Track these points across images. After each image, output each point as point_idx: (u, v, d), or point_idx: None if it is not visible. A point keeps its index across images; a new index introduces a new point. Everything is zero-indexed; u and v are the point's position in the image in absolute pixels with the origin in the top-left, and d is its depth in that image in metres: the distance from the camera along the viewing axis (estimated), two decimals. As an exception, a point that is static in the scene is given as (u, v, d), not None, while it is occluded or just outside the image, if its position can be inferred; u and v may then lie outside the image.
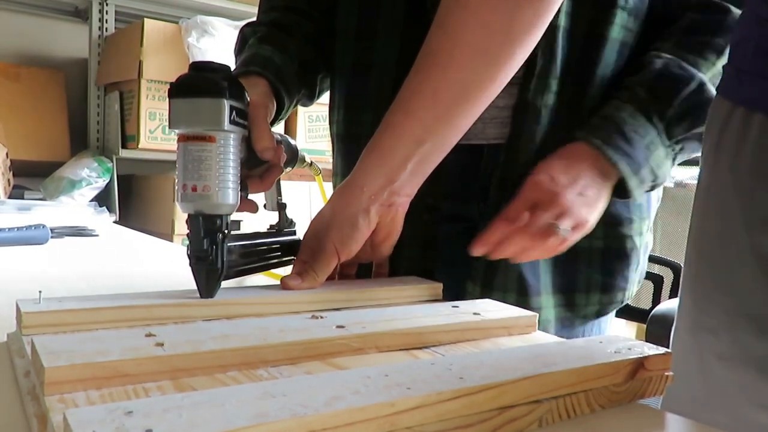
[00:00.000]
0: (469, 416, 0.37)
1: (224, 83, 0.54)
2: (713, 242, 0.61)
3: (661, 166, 0.70)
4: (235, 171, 0.56)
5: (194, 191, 0.54)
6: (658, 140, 0.70)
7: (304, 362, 0.46)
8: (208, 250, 0.55)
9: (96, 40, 2.52)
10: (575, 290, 0.77)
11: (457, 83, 0.61)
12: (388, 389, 0.35)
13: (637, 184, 0.69)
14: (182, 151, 0.55)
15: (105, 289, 0.75)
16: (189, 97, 0.53)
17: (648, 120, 0.69)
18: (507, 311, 0.58)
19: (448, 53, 0.61)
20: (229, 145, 0.55)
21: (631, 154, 0.68)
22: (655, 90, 0.70)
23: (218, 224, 0.56)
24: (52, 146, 2.49)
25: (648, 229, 0.82)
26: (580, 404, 0.41)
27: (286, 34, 0.82)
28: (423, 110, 0.61)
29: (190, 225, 0.56)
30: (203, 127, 0.54)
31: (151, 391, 0.39)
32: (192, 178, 0.54)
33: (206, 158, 0.54)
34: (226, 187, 0.55)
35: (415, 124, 0.62)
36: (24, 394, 0.39)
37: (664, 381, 0.45)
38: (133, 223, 2.25)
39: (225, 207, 0.56)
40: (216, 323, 0.50)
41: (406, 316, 0.54)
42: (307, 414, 0.31)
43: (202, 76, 0.54)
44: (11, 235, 1.05)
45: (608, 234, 0.76)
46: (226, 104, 0.53)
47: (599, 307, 0.78)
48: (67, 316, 0.49)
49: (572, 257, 0.73)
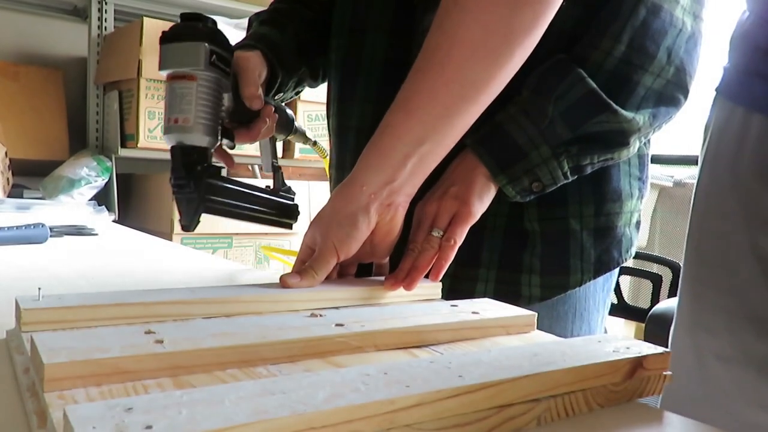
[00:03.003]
0: (468, 414, 0.37)
1: (204, 29, 0.62)
2: (713, 242, 0.62)
3: (545, 165, 0.69)
4: (215, 110, 0.63)
5: (176, 123, 0.61)
6: (539, 138, 0.69)
7: (304, 360, 0.46)
8: (187, 178, 0.61)
9: (95, 38, 2.52)
10: (519, 270, 0.78)
11: (456, 83, 0.61)
12: (387, 387, 0.35)
13: (509, 181, 0.69)
14: (168, 90, 0.62)
15: (104, 287, 0.75)
16: (174, 42, 0.62)
17: (528, 120, 0.70)
18: (506, 310, 0.58)
19: (447, 53, 0.61)
20: (207, 85, 0.62)
21: (500, 151, 0.69)
22: (536, 89, 0.70)
23: (196, 157, 0.62)
24: (51, 145, 2.49)
25: (604, 215, 0.79)
26: (579, 403, 0.41)
27: (286, 18, 0.88)
28: (422, 110, 0.61)
29: (172, 156, 0.62)
30: (185, 67, 0.62)
31: (151, 388, 0.39)
32: (174, 111, 0.61)
33: (187, 94, 0.61)
34: (205, 122, 0.61)
35: (415, 123, 0.62)
36: (23, 391, 0.39)
37: (662, 380, 0.45)
38: (132, 222, 2.25)
39: (202, 139, 0.62)
40: (215, 321, 0.50)
41: (405, 315, 0.54)
42: (307, 411, 0.31)
43: (187, 24, 0.62)
44: (10, 234, 1.05)
45: (543, 216, 0.76)
46: (206, 47, 0.61)
47: (540, 290, 0.78)
48: (67, 313, 0.49)
49: (519, 238, 0.77)
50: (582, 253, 0.78)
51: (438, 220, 0.68)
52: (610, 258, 0.80)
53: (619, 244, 0.81)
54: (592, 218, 0.78)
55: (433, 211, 0.69)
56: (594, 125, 0.69)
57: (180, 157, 0.62)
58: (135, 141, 2.33)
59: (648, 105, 0.71)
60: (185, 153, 0.62)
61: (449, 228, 0.68)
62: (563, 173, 0.70)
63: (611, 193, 0.78)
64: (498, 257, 0.78)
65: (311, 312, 0.53)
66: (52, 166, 2.38)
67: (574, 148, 0.70)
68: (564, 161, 0.70)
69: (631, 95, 0.70)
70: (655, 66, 0.70)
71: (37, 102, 2.49)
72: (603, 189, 0.78)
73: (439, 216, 0.68)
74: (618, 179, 0.79)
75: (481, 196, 0.69)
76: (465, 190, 0.69)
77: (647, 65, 0.70)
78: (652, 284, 1.42)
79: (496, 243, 0.77)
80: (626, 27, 0.69)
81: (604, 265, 0.80)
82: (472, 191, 0.69)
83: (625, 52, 0.69)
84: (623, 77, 0.70)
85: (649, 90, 0.71)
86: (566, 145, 0.69)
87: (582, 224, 0.77)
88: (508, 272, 0.78)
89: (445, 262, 0.67)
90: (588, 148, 0.70)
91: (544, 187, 0.70)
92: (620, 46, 0.69)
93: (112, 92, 2.48)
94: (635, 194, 0.81)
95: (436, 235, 0.68)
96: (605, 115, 0.69)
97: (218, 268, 0.99)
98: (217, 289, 0.59)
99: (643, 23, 0.70)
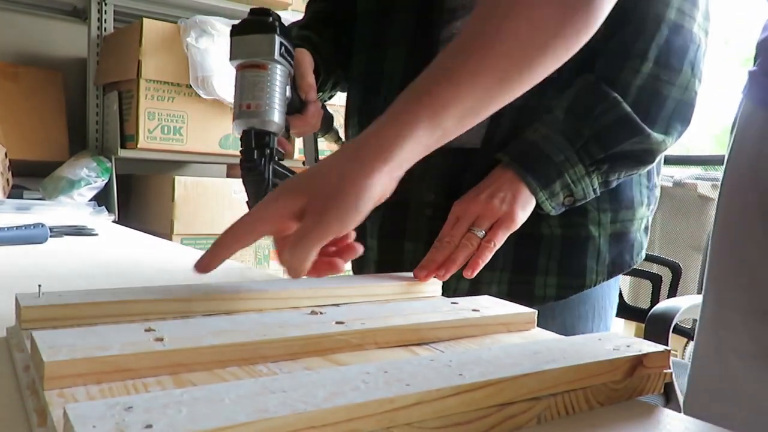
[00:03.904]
0: (468, 413, 0.37)
1: (274, 23, 0.66)
2: (734, 240, 0.62)
3: (579, 182, 0.74)
4: (282, 98, 0.67)
5: (248, 108, 0.65)
6: (575, 158, 0.74)
7: (304, 358, 0.46)
8: (257, 161, 0.64)
9: (95, 39, 2.51)
10: (535, 272, 0.81)
11: (500, 64, 0.58)
12: (387, 385, 0.35)
13: (547, 197, 0.74)
14: (239, 78, 0.66)
15: (104, 287, 0.75)
16: (248, 34, 0.66)
17: (564, 139, 0.74)
18: (506, 308, 0.58)
19: (495, 34, 0.57)
20: (276, 74, 0.66)
21: (541, 170, 0.73)
22: (572, 111, 0.74)
23: (266, 140, 0.65)
24: (51, 146, 2.49)
25: (620, 221, 0.83)
26: (579, 401, 0.41)
27: (322, 23, 0.94)
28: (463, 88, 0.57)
29: (244, 139, 0.65)
30: (258, 57, 0.65)
31: (151, 386, 0.39)
32: (246, 98, 0.65)
33: (259, 82, 0.65)
34: (274, 108, 0.65)
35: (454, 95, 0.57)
36: (23, 389, 0.39)
37: (662, 378, 0.45)
38: (132, 222, 2.25)
39: (272, 124, 0.65)
40: (215, 318, 0.50)
41: (405, 313, 0.54)
42: (307, 410, 0.31)
43: (258, 17, 0.67)
44: (10, 234, 1.05)
45: (564, 222, 0.80)
46: (277, 39, 0.65)
47: (556, 290, 0.82)
48: (67, 310, 0.49)
49: (534, 242, 0.80)
50: (598, 256, 0.82)
51: (481, 221, 0.71)
52: (622, 261, 0.85)
53: (632, 248, 0.85)
54: (609, 225, 0.82)
55: (477, 212, 0.71)
56: (626, 146, 0.73)
57: (251, 140, 0.65)
58: (135, 142, 2.33)
59: (678, 119, 0.76)
60: (256, 137, 0.65)
61: (491, 231, 0.71)
62: (593, 189, 0.75)
63: (626, 201, 0.83)
64: (511, 260, 0.81)
65: (311, 309, 0.53)
66: (51, 167, 2.38)
67: (605, 165, 0.75)
68: (595, 178, 0.75)
69: (662, 109, 0.74)
70: (682, 79, 0.75)
71: (37, 103, 2.49)
72: (618, 198, 0.82)
73: (482, 217, 0.71)
74: (630, 188, 0.83)
75: (524, 207, 0.73)
76: (511, 198, 0.72)
77: (675, 80, 0.74)
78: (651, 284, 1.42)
79: (509, 247, 0.79)
80: (652, 46, 0.74)
81: (617, 268, 0.84)
82: (517, 201, 0.72)
83: (653, 69, 0.74)
84: (653, 92, 0.74)
85: (678, 102, 0.75)
86: (598, 163, 0.74)
87: (600, 230, 0.82)
88: (521, 274, 0.81)
89: (482, 261, 0.70)
90: (617, 166, 0.75)
91: (575, 201, 0.76)
92: (648, 63, 0.74)
93: (111, 93, 2.48)
94: (644, 202, 0.85)
95: (479, 235, 0.71)
96: (638, 138, 0.73)
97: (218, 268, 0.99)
98: (217, 287, 0.59)
99: (667, 41, 0.74)
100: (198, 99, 2.34)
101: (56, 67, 2.62)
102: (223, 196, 2.39)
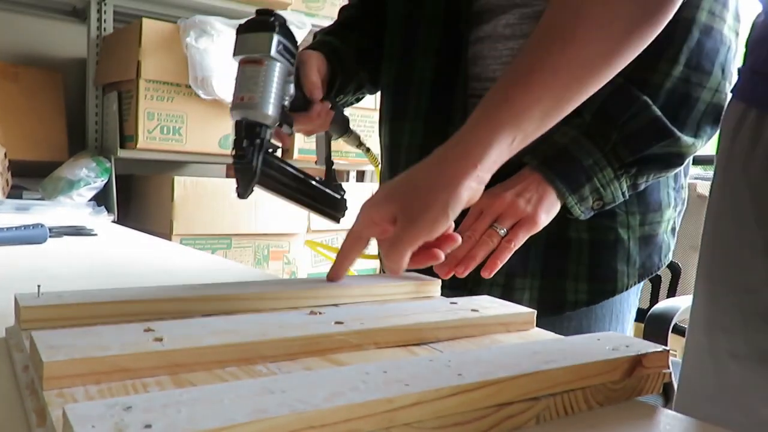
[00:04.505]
0: (467, 413, 0.37)
1: (274, 23, 0.69)
2: (726, 241, 0.62)
3: (608, 185, 0.74)
4: (278, 93, 0.69)
5: (242, 100, 0.68)
6: (604, 161, 0.73)
7: (303, 358, 0.46)
8: (247, 150, 0.66)
9: (94, 39, 2.51)
10: (565, 276, 0.81)
11: (576, 63, 0.59)
12: (386, 385, 0.35)
13: (576, 201, 0.73)
14: (239, 72, 0.69)
15: (104, 287, 0.75)
16: (248, 32, 0.70)
17: (593, 143, 0.73)
18: (505, 308, 0.58)
19: (571, 31, 0.59)
20: (273, 70, 0.69)
21: (570, 174, 0.72)
22: (600, 114, 0.73)
23: (257, 131, 0.67)
24: (51, 146, 2.49)
25: (648, 224, 0.83)
26: (578, 401, 0.41)
27: (347, 29, 0.97)
28: (543, 88, 0.59)
29: (236, 129, 0.68)
30: (255, 53, 0.69)
31: (150, 386, 0.39)
32: (242, 90, 0.68)
33: (254, 76, 0.68)
34: (267, 102, 0.68)
35: (533, 101, 0.59)
36: (23, 389, 0.39)
37: (661, 378, 0.45)
38: (131, 222, 2.25)
39: (265, 117, 0.68)
40: (215, 318, 0.50)
41: (404, 313, 0.54)
42: (306, 410, 0.31)
43: (259, 17, 0.70)
44: (10, 234, 1.05)
45: (592, 226, 0.79)
46: (275, 37, 0.68)
47: (588, 295, 0.81)
48: (66, 310, 0.49)
49: (563, 247, 0.79)
50: (628, 259, 0.82)
51: (504, 219, 0.70)
52: (652, 263, 0.85)
53: (660, 250, 0.86)
54: (637, 228, 0.82)
55: (501, 208, 0.70)
56: (655, 149, 0.73)
57: (242, 130, 0.68)
58: (134, 142, 2.33)
59: (708, 121, 0.75)
60: (248, 127, 0.68)
61: (512, 230, 0.70)
62: (622, 192, 0.75)
63: (653, 204, 0.83)
64: (541, 266, 0.81)
65: (311, 309, 0.53)
66: (51, 167, 2.38)
67: (634, 168, 0.74)
68: (624, 181, 0.74)
69: (692, 111, 0.74)
70: (712, 82, 0.74)
71: (37, 103, 2.49)
72: (646, 200, 0.82)
73: (505, 215, 0.70)
74: (658, 191, 0.84)
75: (548, 210, 0.72)
76: (537, 200, 0.71)
77: (705, 82, 0.74)
78: (651, 284, 1.42)
79: (539, 253, 0.80)
80: (683, 49, 0.73)
81: (647, 270, 0.84)
82: (542, 203, 0.72)
83: (684, 71, 0.73)
84: (683, 95, 0.73)
85: (708, 105, 0.75)
86: (627, 167, 0.74)
87: (629, 233, 0.81)
88: (551, 280, 0.81)
89: (500, 261, 0.69)
90: (646, 169, 0.75)
91: (604, 204, 0.75)
92: (678, 66, 0.73)
93: (111, 93, 2.47)
94: (671, 203, 0.86)
95: (500, 233, 0.70)
96: (668, 141, 0.73)
97: (217, 268, 0.99)
98: (217, 287, 0.59)
99: (698, 43, 0.74)
100: (197, 99, 2.33)
101: (56, 68, 2.62)
102: (223, 196, 2.38)
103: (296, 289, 0.60)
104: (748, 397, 0.58)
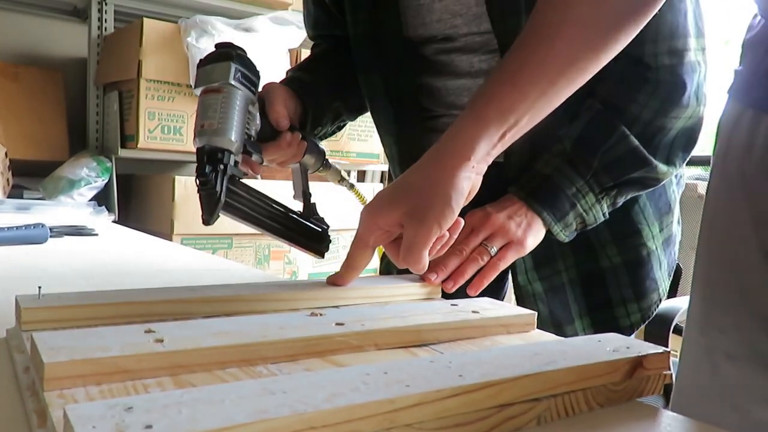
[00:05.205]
0: (468, 414, 0.37)
1: (231, 53, 0.71)
2: (723, 242, 0.62)
3: (591, 209, 0.77)
4: (239, 120, 0.69)
5: (203, 128, 0.68)
6: (586, 188, 0.76)
7: (304, 359, 0.46)
8: (209, 176, 0.66)
9: (95, 39, 2.51)
10: (612, 305, 0.84)
11: (562, 59, 0.60)
12: (387, 386, 0.35)
13: (562, 229, 0.76)
14: (200, 103, 0.70)
15: (104, 287, 0.75)
16: (207, 64, 0.71)
17: (575, 171, 0.75)
18: (505, 309, 0.58)
19: (557, 28, 0.60)
20: (233, 97, 0.69)
21: (555, 204, 0.75)
22: (581, 142, 0.76)
23: (219, 157, 0.67)
24: (51, 146, 2.49)
25: (665, 226, 0.87)
26: (579, 403, 0.41)
27: (317, 62, 0.97)
28: (530, 83, 0.61)
29: (198, 156, 0.68)
30: (213, 83, 0.70)
31: (151, 387, 0.39)
32: (203, 118, 0.69)
33: (213, 104, 0.69)
34: (227, 128, 0.68)
35: (519, 96, 0.61)
36: (23, 390, 0.39)
37: (662, 380, 0.45)
38: (132, 222, 2.25)
39: (226, 142, 0.68)
40: (216, 320, 0.50)
41: (405, 314, 0.54)
42: (307, 410, 0.31)
43: (218, 51, 0.72)
44: (10, 234, 1.05)
45: (622, 249, 0.83)
46: (233, 66, 0.70)
47: (641, 313, 0.85)
48: (67, 311, 0.49)
49: (599, 278, 0.83)
50: (661, 265, 0.86)
51: (494, 239, 0.72)
52: (672, 259, 0.90)
53: (675, 243, 0.90)
54: (659, 234, 0.86)
55: (493, 228, 0.72)
56: (634, 175, 0.76)
57: (204, 156, 0.68)
58: (135, 141, 2.33)
59: (681, 146, 0.78)
60: (210, 153, 0.68)
61: (501, 251, 0.72)
62: (603, 213, 0.78)
63: (665, 206, 0.87)
64: (585, 305, 0.84)
65: (311, 311, 0.53)
66: (52, 167, 2.38)
67: (614, 191, 0.77)
68: (604, 203, 0.77)
69: (666, 138, 0.76)
70: (687, 112, 0.76)
71: (37, 103, 2.49)
72: (659, 205, 0.86)
73: (496, 235, 0.72)
74: (665, 191, 0.87)
75: (536, 235, 0.74)
76: (526, 226, 0.74)
77: (681, 113, 0.76)
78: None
79: (577, 294, 0.83)
80: (658, 89, 0.75)
81: (670, 267, 0.89)
82: (531, 228, 0.74)
83: (661, 107, 0.75)
84: (658, 127, 0.76)
85: (682, 131, 0.77)
86: (607, 190, 0.77)
87: (656, 243, 0.85)
88: (599, 313, 0.84)
89: (487, 281, 0.71)
90: (625, 190, 0.78)
91: (586, 226, 0.78)
92: (655, 100, 0.75)
93: (112, 93, 2.48)
94: (675, 197, 0.89)
95: (491, 252, 0.72)
96: (645, 169, 0.76)
97: (218, 268, 0.99)
98: (217, 288, 0.59)
99: (671, 82, 0.75)
100: (198, 99, 2.33)
101: (56, 67, 2.62)
102: (223, 196, 2.38)
103: (297, 290, 0.60)
104: (742, 398, 0.58)
